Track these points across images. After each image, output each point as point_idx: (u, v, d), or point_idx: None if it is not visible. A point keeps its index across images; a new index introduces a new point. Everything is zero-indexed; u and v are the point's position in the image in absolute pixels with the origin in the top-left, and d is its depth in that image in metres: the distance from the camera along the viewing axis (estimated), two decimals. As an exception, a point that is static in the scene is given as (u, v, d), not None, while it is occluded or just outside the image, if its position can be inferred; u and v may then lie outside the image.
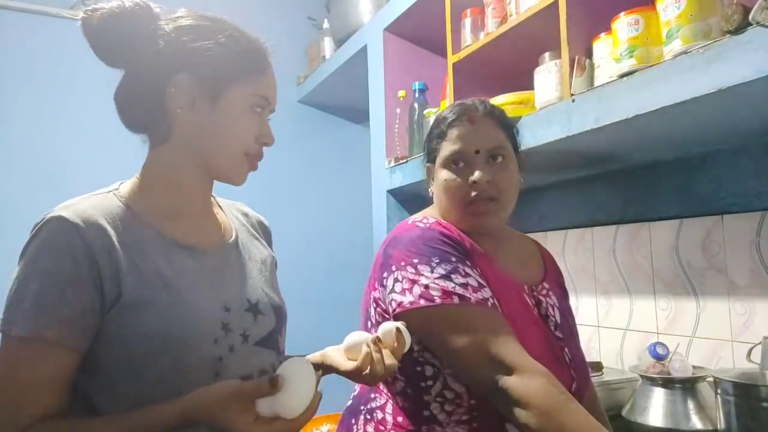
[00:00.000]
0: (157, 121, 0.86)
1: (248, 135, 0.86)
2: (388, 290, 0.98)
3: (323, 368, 0.90)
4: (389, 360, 0.85)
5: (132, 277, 0.78)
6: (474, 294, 0.93)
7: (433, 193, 1.11)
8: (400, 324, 0.90)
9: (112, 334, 0.77)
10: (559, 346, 1.03)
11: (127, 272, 0.78)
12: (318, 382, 0.77)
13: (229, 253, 0.92)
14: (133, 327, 0.77)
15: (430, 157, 1.10)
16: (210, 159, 0.87)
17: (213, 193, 0.97)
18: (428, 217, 1.06)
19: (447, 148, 1.05)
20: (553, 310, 1.07)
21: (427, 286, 0.93)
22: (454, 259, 0.96)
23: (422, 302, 0.92)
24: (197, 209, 0.92)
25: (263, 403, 0.72)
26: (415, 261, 0.96)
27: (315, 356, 0.95)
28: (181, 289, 0.81)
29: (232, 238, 0.95)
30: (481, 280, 0.96)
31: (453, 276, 0.94)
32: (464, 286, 0.93)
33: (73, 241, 0.76)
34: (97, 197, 0.84)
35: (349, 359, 0.89)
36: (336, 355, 0.92)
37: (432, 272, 0.94)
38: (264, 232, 1.06)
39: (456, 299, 0.92)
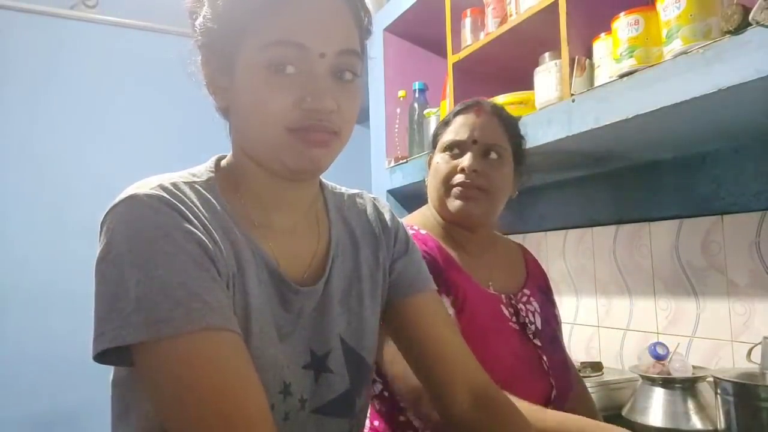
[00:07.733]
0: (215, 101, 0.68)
1: (276, 104, 0.61)
2: None
3: None
4: None
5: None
6: None
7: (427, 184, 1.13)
8: None
9: None
10: (536, 355, 1.03)
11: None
12: None
13: (312, 292, 0.70)
14: None
15: (433, 143, 1.14)
16: (248, 149, 0.67)
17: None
18: (420, 228, 1.07)
19: (447, 135, 1.09)
20: (534, 316, 1.08)
21: None
22: None
23: None
24: (287, 222, 0.71)
25: None
26: None
27: None
28: (257, 329, 0.63)
29: (325, 273, 0.72)
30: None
31: None
32: None
33: (185, 222, 0.59)
34: (197, 185, 0.65)
35: None
36: None
37: None
38: (385, 235, 0.81)
39: None
